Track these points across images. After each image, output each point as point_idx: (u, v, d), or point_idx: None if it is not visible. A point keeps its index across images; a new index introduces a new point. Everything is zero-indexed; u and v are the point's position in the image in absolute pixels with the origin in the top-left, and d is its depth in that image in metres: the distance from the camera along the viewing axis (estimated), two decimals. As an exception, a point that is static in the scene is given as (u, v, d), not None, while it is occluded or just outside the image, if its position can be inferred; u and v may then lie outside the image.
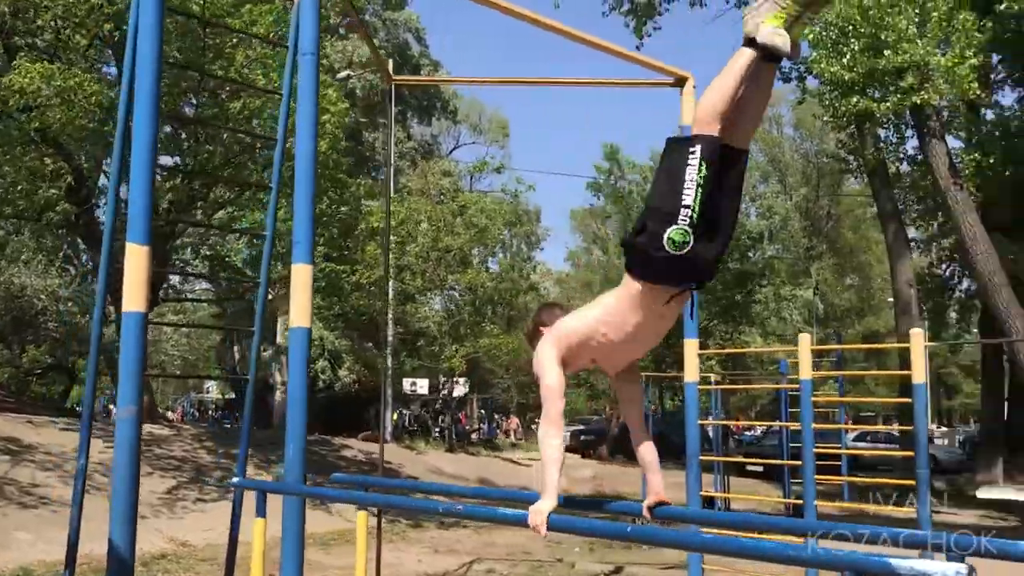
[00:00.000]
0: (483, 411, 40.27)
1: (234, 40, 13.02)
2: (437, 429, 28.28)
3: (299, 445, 5.18)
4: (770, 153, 54.52)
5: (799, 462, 8.71)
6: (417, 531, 13.66)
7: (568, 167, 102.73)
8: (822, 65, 15.28)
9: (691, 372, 7.99)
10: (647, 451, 3.30)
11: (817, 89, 17.39)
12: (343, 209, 17.10)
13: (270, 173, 8.00)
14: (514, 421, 41.57)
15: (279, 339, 24.07)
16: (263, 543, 4.42)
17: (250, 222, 16.97)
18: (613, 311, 3.11)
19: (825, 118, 18.30)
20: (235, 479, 4.62)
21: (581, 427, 32.97)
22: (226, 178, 15.51)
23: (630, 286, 3.07)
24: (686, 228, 2.84)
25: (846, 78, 15.02)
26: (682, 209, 2.84)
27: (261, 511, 4.39)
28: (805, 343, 8.33)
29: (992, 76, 21.29)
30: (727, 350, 23.16)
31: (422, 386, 32.57)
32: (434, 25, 71.10)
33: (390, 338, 21.51)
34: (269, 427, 21.95)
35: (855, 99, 15.15)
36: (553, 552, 12.21)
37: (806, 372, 8.01)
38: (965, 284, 28.67)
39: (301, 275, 5.51)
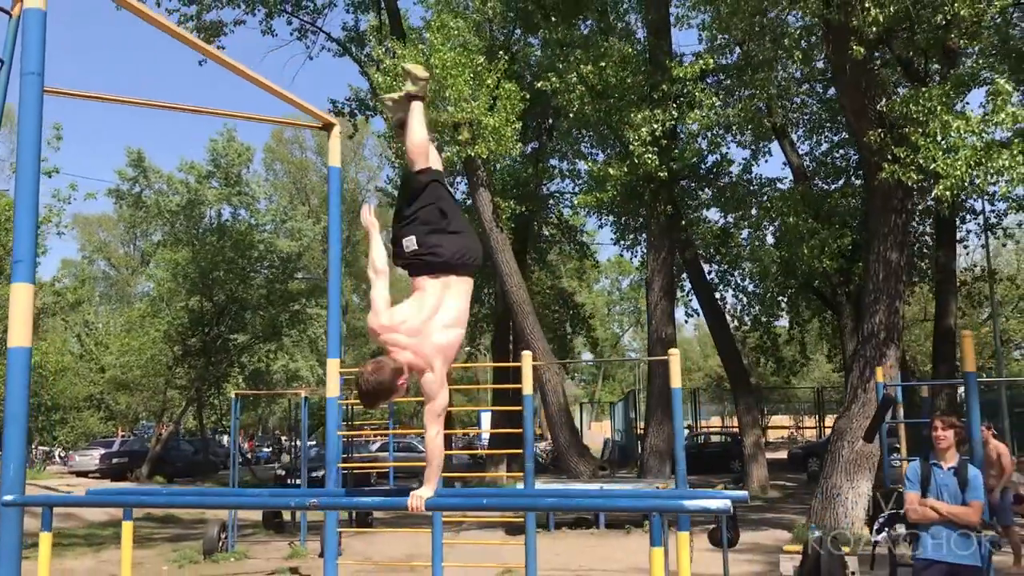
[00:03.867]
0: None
1: None
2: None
3: (20, 463, 5.26)
4: (295, 175, 56.25)
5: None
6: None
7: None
8: (392, 112, 17.00)
9: (333, 388, 8.90)
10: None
11: (384, 132, 19.24)
12: None
13: None
14: None
15: None
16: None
17: None
18: (465, 311, 4.01)
19: (391, 158, 20.19)
20: (8, 496, 4.56)
21: (103, 450, 30.88)
22: None
23: (466, 283, 4.01)
24: None
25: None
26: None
27: (47, 525, 4.52)
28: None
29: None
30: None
31: None
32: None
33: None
34: None
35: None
36: (147, 571, 12.12)
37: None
38: (474, 309, 32.70)
39: (22, 295, 5.49)
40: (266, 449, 45.69)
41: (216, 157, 39.08)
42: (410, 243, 3.95)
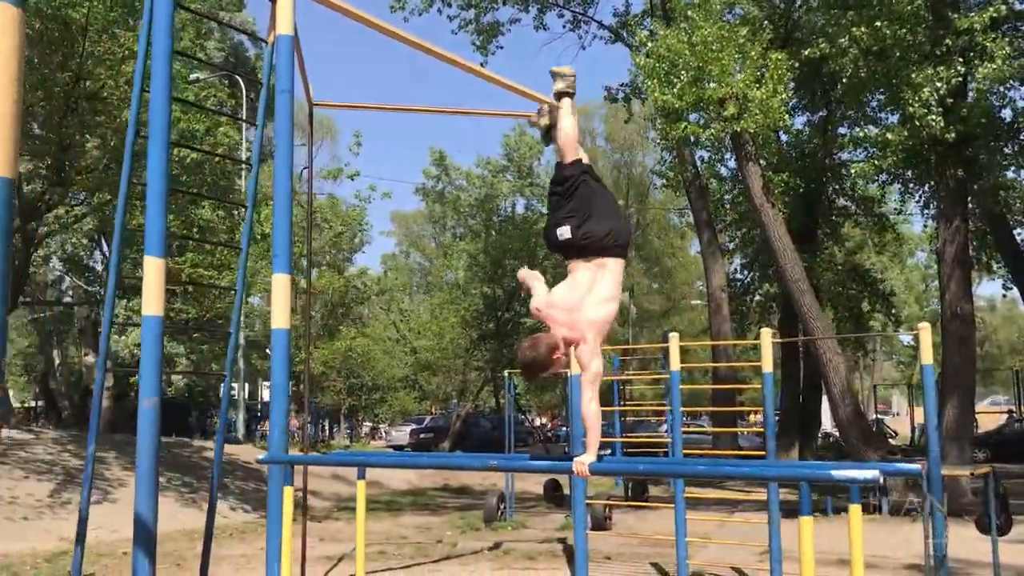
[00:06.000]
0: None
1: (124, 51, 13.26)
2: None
3: (281, 428, 6.08)
4: (585, 163, 57.55)
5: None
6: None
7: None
8: (656, 94, 17.05)
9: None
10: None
11: (650, 114, 19.33)
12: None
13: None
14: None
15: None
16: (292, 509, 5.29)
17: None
18: (616, 288, 4.25)
19: (656, 140, 20.27)
20: (263, 456, 5.40)
21: (414, 426, 33.98)
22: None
23: (617, 263, 4.25)
24: None
25: (676, 105, 16.87)
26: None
27: (289, 480, 5.27)
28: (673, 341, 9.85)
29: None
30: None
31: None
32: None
33: (242, 342, 21.70)
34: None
35: (684, 125, 17.09)
36: (433, 535, 13.26)
37: (675, 365, 9.39)
38: (764, 288, 31.69)
39: (281, 284, 6.30)
40: (565, 428, 47.39)
41: (509, 151, 41.22)
42: (564, 232, 4.23)
